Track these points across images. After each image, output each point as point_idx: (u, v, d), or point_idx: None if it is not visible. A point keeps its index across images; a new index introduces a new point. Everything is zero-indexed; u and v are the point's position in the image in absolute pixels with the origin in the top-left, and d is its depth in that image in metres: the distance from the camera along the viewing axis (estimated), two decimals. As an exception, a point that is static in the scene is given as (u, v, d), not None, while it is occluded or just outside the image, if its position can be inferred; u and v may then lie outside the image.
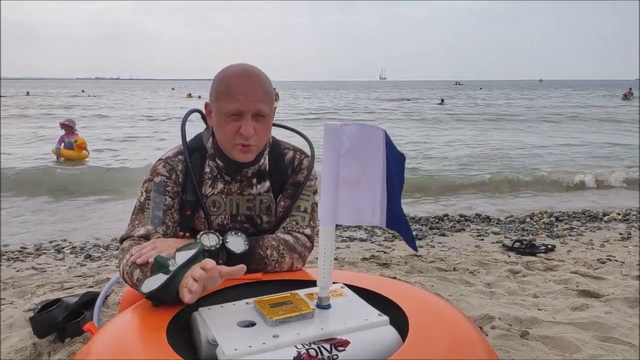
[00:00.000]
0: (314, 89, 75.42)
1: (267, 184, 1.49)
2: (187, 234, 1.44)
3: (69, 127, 8.83)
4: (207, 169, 1.46)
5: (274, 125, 1.52)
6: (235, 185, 1.46)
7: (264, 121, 1.35)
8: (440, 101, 33.89)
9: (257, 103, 1.31)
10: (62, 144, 8.88)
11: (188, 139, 1.48)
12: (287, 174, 1.51)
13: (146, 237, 1.34)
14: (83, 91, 56.21)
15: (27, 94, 47.33)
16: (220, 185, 1.46)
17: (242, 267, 1.10)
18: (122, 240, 1.36)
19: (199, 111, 1.51)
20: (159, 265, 1.11)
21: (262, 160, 1.47)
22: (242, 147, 1.35)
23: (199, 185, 1.44)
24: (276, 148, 1.52)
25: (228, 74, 1.34)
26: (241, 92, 1.30)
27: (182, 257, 1.13)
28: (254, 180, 1.47)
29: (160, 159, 1.46)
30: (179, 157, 1.45)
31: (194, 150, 1.46)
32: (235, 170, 1.44)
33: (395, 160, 1.03)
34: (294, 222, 1.46)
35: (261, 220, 1.49)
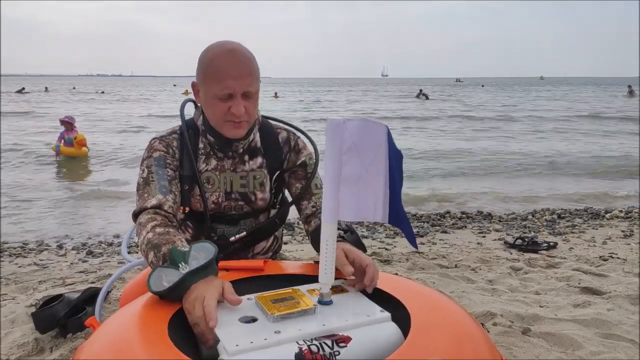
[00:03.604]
0: (311, 86, 75.04)
1: (260, 159, 1.53)
2: (187, 209, 1.47)
3: (69, 124, 8.79)
4: (201, 145, 1.50)
5: (275, 120, 1.60)
6: (228, 162, 1.50)
7: (252, 98, 1.39)
8: (418, 93, 32.31)
9: (246, 84, 1.35)
10: (62, 141, 8.82)
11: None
12: (284, 152, 1.56)
13: (159, 206, 1.35)
14: (74, 88, 56.02)
15: (46, 89, 47.56)
16: (213, 162, 1.50)
17: (239, 300, 1.05)
18: (135, 215, 1.36)
19: (193, 101, 1.56)
20: (172, 260, 1.11)
21: (252, 135, 1.51)
22: (234, 124, 1.40)
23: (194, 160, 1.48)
24: (267, 126, 1.57)
25: (214, 55, 1.36)
26: (230, 75, 1.32)
27: (196, 258, 1.11)
28: (246, 157, 1.51)
29: (154, 138, 1.50)
30: (173, 135, 1.50)
31: (187, 128, 1.50)
32: (226, 145, 1.47)
33: (395, 156, 1.03)
34: (320, 200, 1.50)
35: (255, 197, 1.53)
